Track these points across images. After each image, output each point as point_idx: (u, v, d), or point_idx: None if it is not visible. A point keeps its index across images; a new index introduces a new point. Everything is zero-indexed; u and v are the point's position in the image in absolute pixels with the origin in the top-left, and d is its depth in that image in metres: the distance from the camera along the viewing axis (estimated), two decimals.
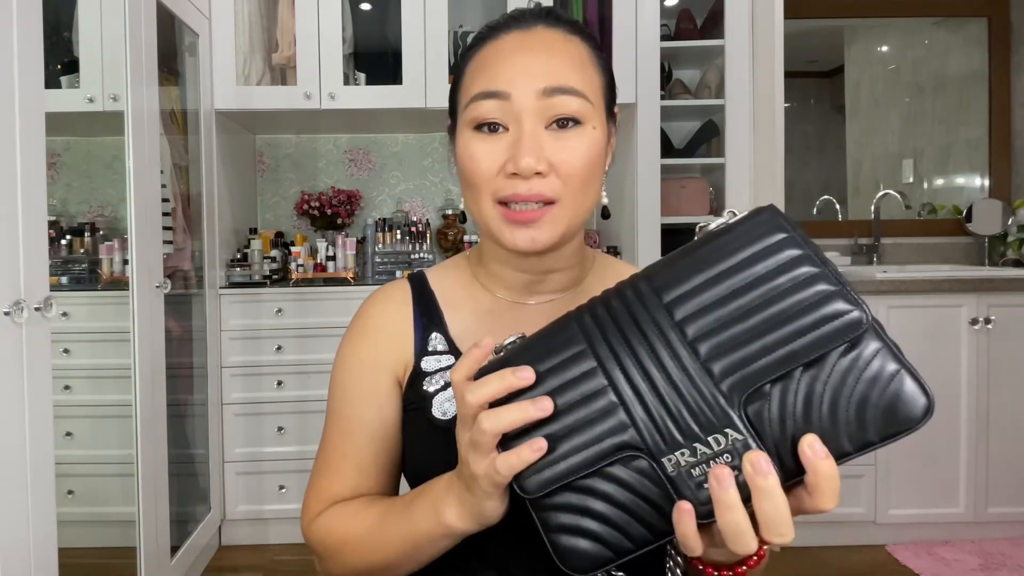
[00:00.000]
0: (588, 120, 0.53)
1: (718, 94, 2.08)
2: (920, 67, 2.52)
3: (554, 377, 0.40)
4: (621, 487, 0.38)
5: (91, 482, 1.61)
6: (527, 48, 0.53)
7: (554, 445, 0.39)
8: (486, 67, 0.54)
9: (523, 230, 0.52)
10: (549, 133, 0.52)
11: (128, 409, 1.46)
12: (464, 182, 0.56)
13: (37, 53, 1.05)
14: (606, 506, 0.38)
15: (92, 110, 1.54)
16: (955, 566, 1.81)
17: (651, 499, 0.38)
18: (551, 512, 0.39)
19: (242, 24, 2.00)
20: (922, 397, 0.35)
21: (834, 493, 0.35)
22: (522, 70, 0.52)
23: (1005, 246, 2.35)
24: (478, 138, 0.53)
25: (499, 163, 0.52)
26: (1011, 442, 1.90)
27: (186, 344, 1.85)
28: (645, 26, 1.99)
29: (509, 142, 0.52)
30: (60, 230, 1.76)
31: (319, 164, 2.44)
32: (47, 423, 1.06)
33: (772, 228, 0.38)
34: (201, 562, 1.84)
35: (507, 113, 0.52)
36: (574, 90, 0.52)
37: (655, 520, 0.38)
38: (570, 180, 0.52)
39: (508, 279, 0.60)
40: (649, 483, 0.38)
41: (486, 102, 0.52)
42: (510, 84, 0.51)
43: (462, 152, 0.54)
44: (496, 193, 0.53)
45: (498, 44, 0.54)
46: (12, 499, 0.97)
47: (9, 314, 0.95)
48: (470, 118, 0.53)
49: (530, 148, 0.50)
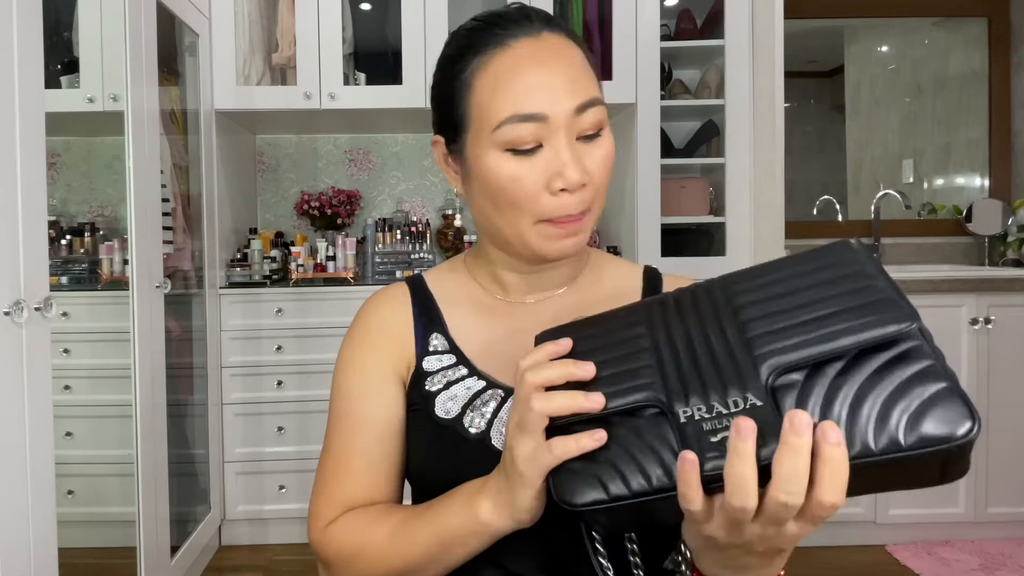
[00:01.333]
0: (606, 125, 0.54)
1: (718, 94, 2.08)
2: (920, 67, 2.53)
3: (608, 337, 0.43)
4: (632, 432, 0.39)
5: (91, 482, 1.62)
6: (548, 59, 0.53)
7: (590, 386, 0.41)
8: (509, 83, 0.52)
9: (565, 241, 0.54)
10: (579, 145, 0.53)
11: (128, 409, 1.46)
12: (498, 203, 0.54)
13: (37, 53, 1.05)
14: (613, 447, 0.39)
15: (92, 110, 1.54)
16: (955, 566, 1.81)
17: (657, 450, 0.38)
18: None
19: (242, 24, 2.00)
20: (967, 420, 0.33)
21: (837, 486, 0.33)
22: (552, 85, 0.52)
23: (1005, 246, 2.35)
24: (514, 160, 0.52)
25: (542, 182, 0.52)
26: (1011, 442, 1.90)
27: (186, 344, 1.85)
28: (645, 26, 1.99)
29: (547, 159, 0.52)
30: (60, 230, 1.76)
31: (319, 164, 2.44)
32: (47, 423, 1.06)
33: (842, 247, 0.41)
34: (201, 562, 1.85)
35: (542, 132, 0.52)
36: (598, 100, 0.53)
37: (656, 471, 0.38)
38: (600, 187, 0.54)
39: (508, 280, 0.61)
40: (660, 432, 0.39)
41: (522, 125, 0.51)
42: (544, 105, 0.51)
43: (495, 174, 0.53)
44: (543, 213, 0.53)
45: (511, 54, 0.53)
46: (12, 499, 0.97)
47: (9, 314, 0.96)
48: (502, 141, 0.52)
49: (575, 164, 0.51)
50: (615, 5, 1.99)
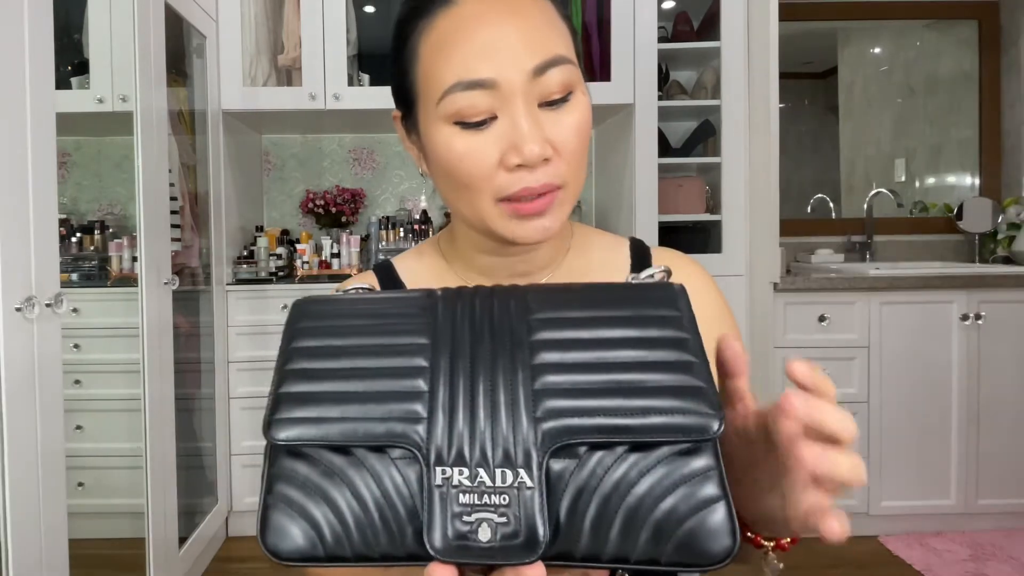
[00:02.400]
0: (577, 86, 0.46)
1: (714, 95, 2.11)
2: (912, 68, 2.56)
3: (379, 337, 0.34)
4: (373, 482, 0.31)
5: (101, 474, 1.63)
6: (499, 14, 0.44)
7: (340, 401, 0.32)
8: (453, 45, 0.44)
9: (533, 222, 0.46)
10: (543, 112, 0.45)
11: (137, 403, 1.49)
12: (452, 183, 0.47)
13: (48, 55, 1.07)
14: (345, 498, 0.31)
15: (102, 110, 1.57)
16: (946, 556, 1.84)
17: (396, 509, 0.31)
18: (284, 479, 0.32)
19: (248, 26, 2.04)
20: (728, 538, 0.30)
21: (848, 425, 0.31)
22: (502, 47, 0.43)
23: (995, 243, 2.38)
24: (464, 134, 0.45)
25: (495, 157, 0.45)
26: (1001, 436, 1.93)
27: (194, 339, 1.88)
28: (643, 28, 2.03)
29: (502, 131, 0.44)
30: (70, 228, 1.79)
31: (324, 163, 2.48)
32: (58, 416, 1.07)
33: (670, 303, 0.35)
34: (208, 553, 1.87)
35: (495, 101, 0.44)
36: (563, 58, 0.45)
37: (385, 535, 0.31)
38: (572, 158, 0.46)
39: (485, 264, 0.55)
40: (405, 490, 0.31)
41: (467, 93, 0.44)
42: (493, 68, 0.43)
43: (444, 151, 0.46)
44: (499, 192, 0.46)
45: (456, 12, 0.45)
46: (24, 491, 0.99)
47: (21, 310, 0.97)
48: (448, 113, 0.45)
49: (532, 135, 0.43)
50: (613, 8, 2.02)
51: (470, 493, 0.30)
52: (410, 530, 0.31)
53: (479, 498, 0.30)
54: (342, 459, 0.32)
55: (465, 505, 0.30)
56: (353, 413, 0.32)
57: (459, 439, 0.31)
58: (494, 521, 0.30)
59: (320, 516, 0.31)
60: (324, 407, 0.32)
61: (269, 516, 0.32)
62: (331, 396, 0.32)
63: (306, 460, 0.32)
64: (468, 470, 0.30)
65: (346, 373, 0.33)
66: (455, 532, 0.30)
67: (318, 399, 0.32)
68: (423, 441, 0.31)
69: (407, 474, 0.31)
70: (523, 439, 0.31)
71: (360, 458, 0.32)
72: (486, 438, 0.31)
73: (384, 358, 0.34)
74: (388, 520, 0.31)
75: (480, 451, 0.31)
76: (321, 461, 0.32)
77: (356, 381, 0.33)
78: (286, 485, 0.32)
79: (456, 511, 0.30)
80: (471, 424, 0.31)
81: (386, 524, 0.31)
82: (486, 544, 0.29)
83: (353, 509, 0.31)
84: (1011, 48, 2.43)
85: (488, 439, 0.31)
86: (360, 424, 0.31)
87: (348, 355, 0.34)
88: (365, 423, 0.31)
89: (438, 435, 0.31)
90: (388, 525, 0.31)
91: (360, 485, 0.31)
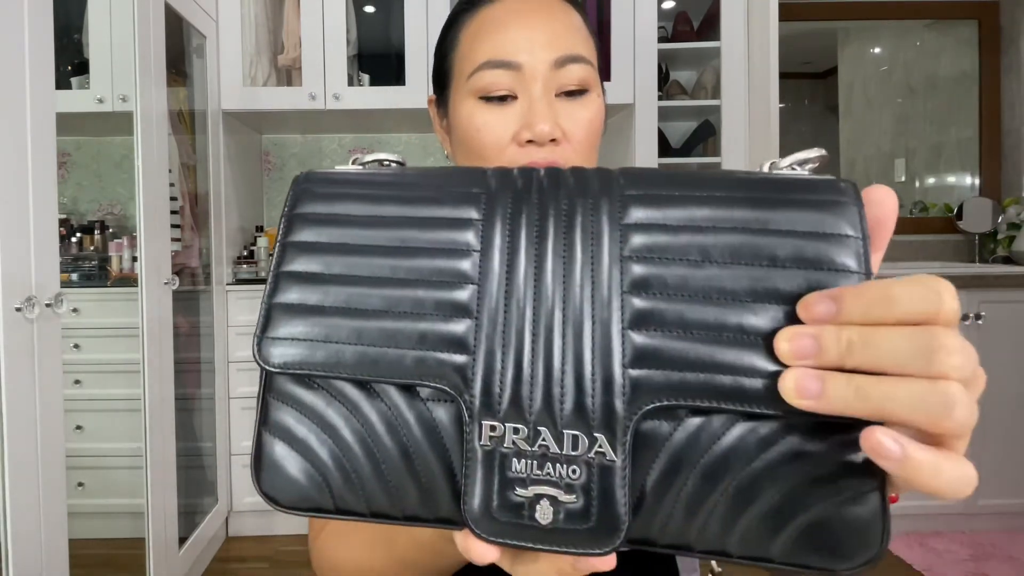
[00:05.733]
0: (594, 88, 0.51)
1: (714, 95, 2.11)
2: (912, 68, 2.56)
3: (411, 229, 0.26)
4: (398, 423, 0.24)
5: (101, 474, 1.63)
6: (532, 13, 0.50)
7: (354, 315, 0.25)
8: (488, 33, 0.50)
9: None
10: (559, 101, 0.50)
11: (137, 403, 1.48)
12: (469, 155, 0.51)
13: (48, 55, 1.07)
14: (362, 439, 0.25)
15: (102, 110, 1.56)
16: (946, 557, 1.84)
17: (426, 461, 0.24)
18: (284, 405, 0.25)
19: (248, 26, 2.04)
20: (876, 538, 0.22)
21: None
22: (531, 37, 0.49)
23: (995, 243, 2.38)
24: (486, 108, 0.49)
25: (511, 132, 0.49)
26: (1001, 436, 1.93)
27: (194, 339, 1.88)
28: (643, 28, 2.03)
29: (520, 110, 0.49)
30: (70, 228, 1.79)
31: (324, 163, 2.47)
32: (58, 416, 1.07)
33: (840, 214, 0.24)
34: (208, 553, 1.88)
35: (517, 83, 0.49)
36: (583, 58, 0.50)
37: (415, 491, 0.24)
38: (580, 147, 0.50)
39: None
40: (440, 437, 0.24)
41: (494, 71, 0.49)
42: (520, 53, 0.48)
43: (466, 123, 0.50)
44: (508, 164, 0.49)
45: (495, 8, 0.51)
46: (24, 491, 0.99)
47: (21, 310, 0.97)
48: (475, 88, 0.49)
49: (545, 115, 0.48)
50: (614, 8, 2.02)
51: (527, 459, 0.23)
52: (447, 489, 0.24)
53: (539, 466, 0.23)
54: (357, 391, 0.25)
55: (519, 474, 0.23)
56: (371, 334, 0.24)
57: (518, 378, 0.23)
58: (558, 499, 0.23)
59: (328, 459, 0.25)
60: (332, 322, 0.24)
61: (264, 450, 0.25)
62: (342, 309, 0.25)
63: (310, 386, 0.25)
64: (526, 427, 0.23)
65: (363, 279, 0.25)
66: (504, 503, 0.23)
67: (324, 312, 0.25)
68: (466, 380, 0.23)
69: (441, 417, 0.24)
70: (612, 386, 0.23)
71: (380, 393, 0.25)
72: (559, 380, 0.23)
73: (417, 258, 0.25)
74: (417, 473, 0.24)
75: (543, 396, 0.23)
76: (330, 390, 0.25)
77: (378, 288, 0.25)
78: (286, 413, 0.25)
79: (507, 478, 0.23)
80: (534, 357, 0.23)
81: (415, 477, 0.24)
82: (545, 526, 0.23)
83: (372, 455, 0.24)
84: (1011, 48, 2.43)
85: (561, 382, 0.23)
86: (381, 351, 0.24)
87: (367, 252, 0.25)
88: (388, 349, 0.24)
89: (486, 371, 0.23)
90: (417, 479, 0.24)
91: (379, 427, 0.24)
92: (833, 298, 0.22)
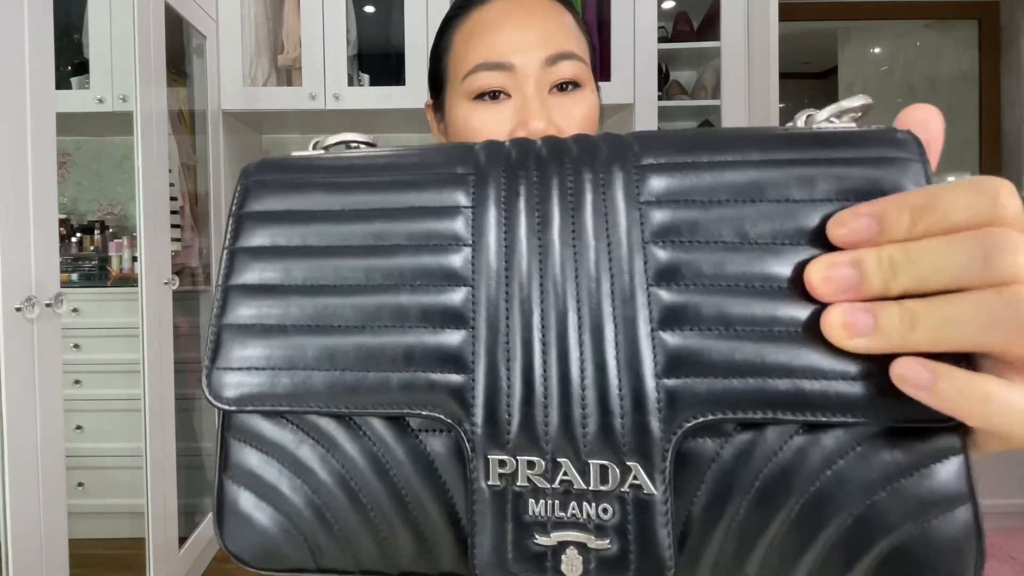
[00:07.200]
0: (586, 84, 0.52)
1: (714, 95, 2.11)
2: (912, 68, 2.56)
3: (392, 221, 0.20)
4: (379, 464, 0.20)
5: (101, 474, 1.63)
6: (524, 14, 0.51)
7: (323, 332, 0.19)
8: (481, 36, 0.51)
9: None
10: (553, 98, 0.50)
11: (137, 403, 1.48)
12: None
13: (48, 55, 1.07)
14: (338, 483, 0.20)
15: (102, 110, 1.57)
16: None
17: (422, 506, 0.20)
18: (247, 445, 0.21)
19: (248, 26, 2.04)
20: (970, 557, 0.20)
21: None
22: (523, 38, 0.50)
23: None
24: (481, 108, 0.50)
25: (506, 130, 0.49)
26: None
27: (194, 339, 1.88)
28: (643, 28, 2.03)
29: (514, 108, 0.50)
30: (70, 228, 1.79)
31: None
32: (58, 416, 1.07)
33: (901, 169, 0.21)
34: (208, 553, 1.87)
35: (510, 82, 0.50)
36: (574, 54, 0.50)
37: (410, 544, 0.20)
38: None
39: None
40: (432, 481, 0.19)
41: (488, 74, 0.49)
42: (513, 54, 0.49)
43: (462, 124, 0.51)
44: None
45: (486, 11, 0.52)
46: (24, 491, 0.99)
47: (21, 310, 0.97)
48: (470, 90, 0.50)
49: (539, 112, 0.48)
50: (613, 8, 2.02)
51: (546, 498, 0.18)
52: (450, 538, 0.20)
53: (562, 506, 0.18)
54: (334, 425, 0.20)
55: (538, 517, 0.18)
56: (346, 355, 0.19)
57: (524, 400, 0.18)
58: (587, 545, 0.18)
59: (304, 507, 0.20)
60: (296, 343, 0.19)
61: (227, 499, 0.21)
62: (308, 326, 0.19)
63: (277, 422, 0.20)
64: (542, 460, 0.18)
65: (332, 287, 0.20)
66: (522, 554, 0.18)
67: (286, 331, 0.20)
68: (465, 405, 0.18)
69: (437, 450, 0.19)
70: (637, 406, 0.18)
71: (362, 425, 0.20)
72: (578, 406, 0.18)
73: (396, 256, 0.20)
74: (412, 520, 0.20)
75: (561, 420, 0.18)
76: (301, 425, 0.20)
77: (350, 297, 0.19)
78: (250, 455, 0.21)
79: (524, 523, 0.18)
80: (546, 372, 0.18)
81: (410, 525, 0.20)
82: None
83: (357, 500, 0.20)
84: (1010, 48, 2.44)
85: (579, 408, 0.18)
86: (359, 376, 0.19)
87: (334, 254, 0.20)
88: (367, 373, 0.19)
89: (488, 393, 0.18)
90: (413, 527, 0.20)
91: (363, 467, 0.20)
92: (874, 214, 0.18)
